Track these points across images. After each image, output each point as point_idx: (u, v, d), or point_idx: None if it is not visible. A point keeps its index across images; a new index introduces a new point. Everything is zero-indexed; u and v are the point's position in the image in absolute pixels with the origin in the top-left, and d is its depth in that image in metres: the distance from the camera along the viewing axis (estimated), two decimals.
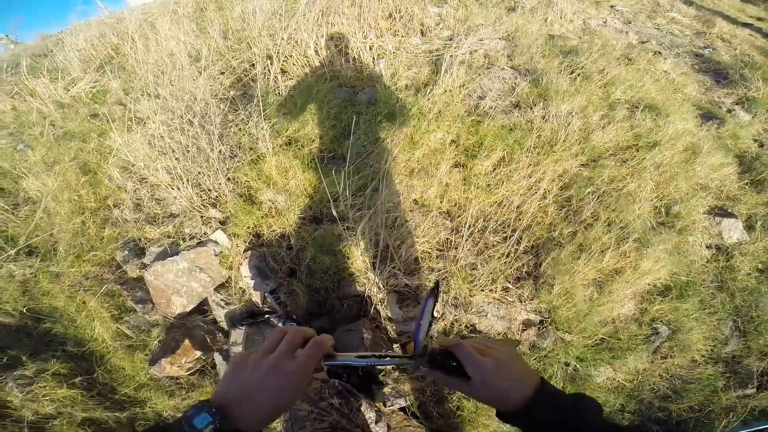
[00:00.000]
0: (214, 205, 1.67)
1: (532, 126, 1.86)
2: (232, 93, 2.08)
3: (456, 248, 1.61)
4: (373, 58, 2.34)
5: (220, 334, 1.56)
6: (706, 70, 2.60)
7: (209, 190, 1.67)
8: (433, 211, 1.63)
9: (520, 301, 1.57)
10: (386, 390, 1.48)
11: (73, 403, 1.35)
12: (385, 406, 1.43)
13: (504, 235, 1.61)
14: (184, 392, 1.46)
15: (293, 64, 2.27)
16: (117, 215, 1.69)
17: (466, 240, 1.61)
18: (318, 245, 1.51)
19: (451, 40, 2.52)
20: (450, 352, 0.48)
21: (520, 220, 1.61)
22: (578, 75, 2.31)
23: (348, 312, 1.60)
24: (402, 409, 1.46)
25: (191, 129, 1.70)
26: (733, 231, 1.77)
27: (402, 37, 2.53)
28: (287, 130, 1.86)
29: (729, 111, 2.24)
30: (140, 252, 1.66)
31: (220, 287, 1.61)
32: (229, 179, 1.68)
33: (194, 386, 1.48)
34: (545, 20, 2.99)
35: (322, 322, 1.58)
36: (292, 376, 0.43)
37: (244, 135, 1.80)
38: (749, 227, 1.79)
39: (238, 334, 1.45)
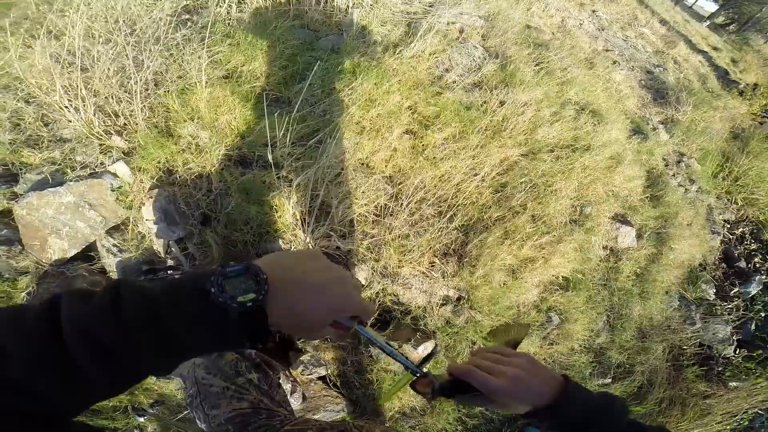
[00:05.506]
0: (119, 133, 1.41)
1: (488, 108, 1.90)
2: (184, 17, 1.77)
3: (393, 216, 1.66)
4: (348, 6, 2.16)
5: None
6: (650, 87, 2.84)
7: (116, 116, 1.41)
8: (377, 174, 1.64)
9: (443, 277, 1.65)
10: (305, 357, 1.42)
11: None
12: (302, 374, 1.38)
13: (439, 209, 1.69)
14: None
15: None
16: None
17: (404, 209, 1.66)
18: (244, 191, 1.39)
19: (432, 6, 2.42)
20: (461, 380, 0.48)
21: (456, 197, 1.69)
22: (543, 69, 2.37)
23: None
24: (321, 378, 1.43)
25: (120, 39, 1.41)
26: (626, 237, 2.07)
27: None
28: (229, 62, 1.66)
29: (654, 129, 2.51)
30: (12, 179, 1.33)
31: (114, 230, 1.35)
32: (145, 107, 1.44)
33: None
34: (528, 10, 2.96)
35: None
36: (351, 304, 0.39)
37: (174, 62, 1.56)
38: (639, 236, 2.10)
39: None
